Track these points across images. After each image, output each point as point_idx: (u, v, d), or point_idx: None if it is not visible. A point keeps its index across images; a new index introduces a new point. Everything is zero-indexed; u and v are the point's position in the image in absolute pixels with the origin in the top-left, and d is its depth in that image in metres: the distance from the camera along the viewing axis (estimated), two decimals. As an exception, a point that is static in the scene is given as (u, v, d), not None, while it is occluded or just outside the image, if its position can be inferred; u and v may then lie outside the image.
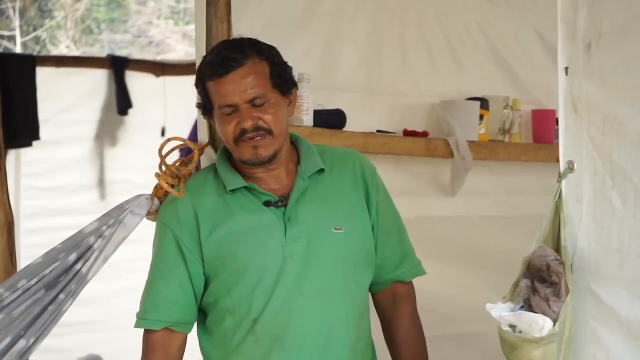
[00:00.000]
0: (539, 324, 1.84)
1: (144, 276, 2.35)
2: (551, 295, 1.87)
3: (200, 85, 2.27)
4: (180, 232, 2.27)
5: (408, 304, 2.43)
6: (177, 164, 2.43)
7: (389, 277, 2.40)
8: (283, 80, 2.27)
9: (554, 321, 1.85)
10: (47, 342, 2.31)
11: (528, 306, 1.91)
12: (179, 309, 2.28)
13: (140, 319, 2.30)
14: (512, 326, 1.88)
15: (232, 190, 2.27)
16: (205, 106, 2.28)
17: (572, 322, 1.90)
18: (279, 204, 2.26)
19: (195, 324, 2.36)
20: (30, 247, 4.58)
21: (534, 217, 2.19)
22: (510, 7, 3.57)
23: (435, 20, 3.40)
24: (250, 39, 2.28)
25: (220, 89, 2.22)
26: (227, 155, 2.34)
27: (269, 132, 2.22)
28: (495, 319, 1.91)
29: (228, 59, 2.21)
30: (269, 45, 2.29)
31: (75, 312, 2.57)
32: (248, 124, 2.21)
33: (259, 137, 2.22)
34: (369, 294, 2.41)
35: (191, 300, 2.29)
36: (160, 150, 2.45)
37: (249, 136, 2.21)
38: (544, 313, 1.86)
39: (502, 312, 1.92)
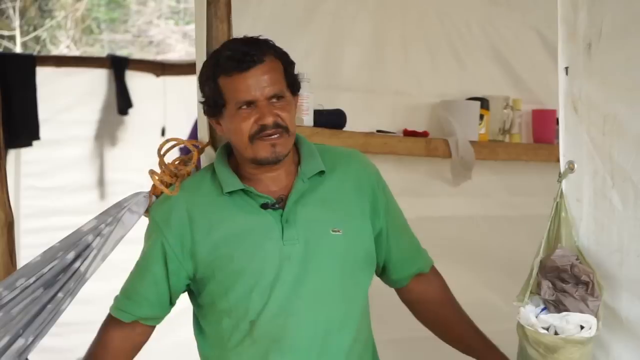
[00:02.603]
0: (589, 323, 1.83)
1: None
2: (587, 295, 1.86)
3: (212, 81, 2.23)
4: (168, 231, 2.27)
5: (439, 278, 2.49)
6: (176, 163, 2.42)
7: (412, 272, 2.44)
8: (294, 80, 2.28)
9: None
10: (46, 342, 2.31)
11: (553, 307, 1.90)
12: (148, 305, 2.30)
13: (114, 307, 2.33)
14: (544, 328, 1.87)
15: (229, 192, 2.26)
16: (216, 103, 2.24)
17: None
18: (277, 206, 2.25)
19: (192, 325, 2.36)
20: (30, 247, 4.56)
21: (536, 217, 2.18)
22: (511, 7, 3.57)
23: (436, 20, 3.40)
24: (263, 38, 2.27)
25: (240, 84, 2.19)
26: (226, 156, 2.33)
27: (286, 129, 2.22)
28: (529, 322, 1.88)
29: (249, 55, 2.19)
30: (279, 47, 2.29)
31: (75, 312, 2.57)
32: (269, 120, 2.19)
33: (276, 135, 2.21)
34: (379, 292, 2.42)
35: (163, 299, 2.30)
36: (159, 150, 2.45)
37: (268, 133, 2.20)
38: (582, 312, 1.85)
39: (533, 314, 1.90)
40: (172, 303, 2.33)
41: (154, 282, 2.28)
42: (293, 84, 2.27)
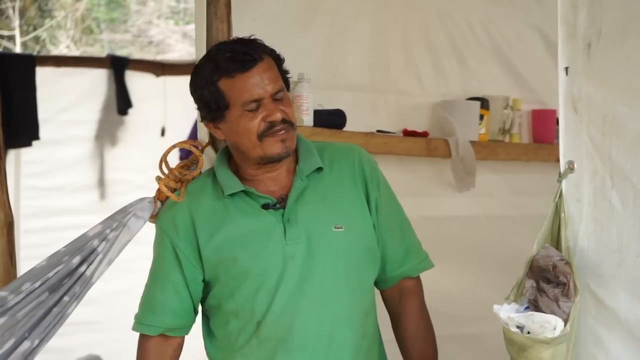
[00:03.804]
0: (552, 324, 1.83)
1: (145, 276, 2.35)
2: (560, 296, 1.86)
3: (212, 85, 2.21)
4: (177, 238, 2.28)
5: (415, 298, 2.41)
6: (180, 167, 2.42)
7: (396, 274, 2.38)
8: (286, 77, 2.29)
9: (565, 321, 1.84)
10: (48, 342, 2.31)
11: (534, 307, 1.90)
12: (174, 315, 2.29)
13: (138, 323, 2.32)
14: (520, 327, 1.87)
15: (230, 195, 2.27)
16: (218, 106, 2.22)
17: (577, 322, 1.90)
18: (278, 205, 2.26)
19: (201, 326, 2.36)
20: (30, 247, 4.59)
21: (539, 216, 2.18)
22: (513, 6, 3.58)
23: (438, 20, 3.40)
24: (253, 38, 2.27)
25: (244, 83, 2.19)
26: (226, 159, 2.33)
27: (292, 124, 2.24)
28: (502, 320, 1.90)
29: (248, 54, 2.19)
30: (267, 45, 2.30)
31: (75, 312, 2.56)
32: (278, 117, 2.20)
33: (284, 130, 2.21)
34: (378, 290, 2.40)
35: (187, 307, 2.30)
36: (165, 155, 2.44)
37: (277, 129, 2.20)
38: (553, 313, 1.85)
39: (509, 313, 1.90)
40: (195, 311, 2.33)
41: (175, 290, 2.28)
42: (286, 80, 2.29)
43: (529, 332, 1.86)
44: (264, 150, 2.22)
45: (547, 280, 1.90)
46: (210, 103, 2.23)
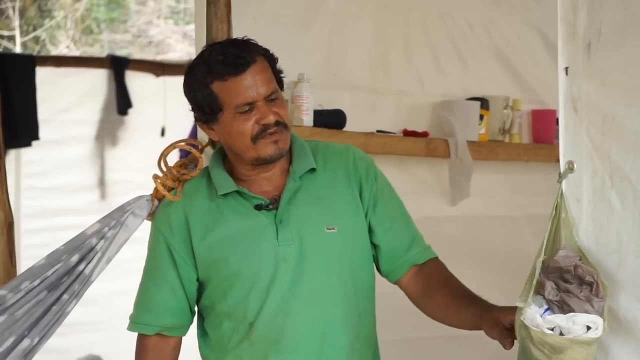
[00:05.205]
0: (596, 324, 1.82)
1: (145, 276, 2.35)
2: (592, 295, 1.85)
3: (205, 87, 2.21)
4: (172, 237, 2.28)
5: (437, 267, 2.36)
6: (178, 166, 2.42)
7: (403, 260, 2.33)
8: (280, 76, 2.28)
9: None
10: (47, 342, 2.31)
11: (558, 308, 1.89)
12: (170, 314, 2.29)
13: (133, 323, 2.32)
14: (550, 328, 1.86)
15: (224, 195, 2.26)
16: (212, 109, 2.21)
17: None
18: (270, 206, 2.25)
19: (195, 326, 2.36)
20: (31, 247, 4.59)
21: (539, 216, 2.18)
22: (513, 7, 3.58)
23: (439, 19, 3.41)
24: (247, 39, 2.26)
25: (237, 86, 2.18)
26: (220, 158, 2.33)
27: (285, 126, 2.23)
28: (531, 324, 1.87)
29: (241, 57, 2.18)
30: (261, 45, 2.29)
31: (75, 312, 2.56)
32: (271, 119, 2.19)
33: (276, 132, 2.21)
34: (394, 283, 2.37)
35: (183, 305, 2.30)
36: (164, 155, 2.44)
37: (270, 131, 2.20)
38: (587, 313, 1.84)
39: (536, 315, 1.89)
40: (192, 311, 2.33)
41: (171, 288, 2.28)
42: (280, 80, 2.28)
43: (561, 333, 1.84)
44: (258, 152, 2.21)
45: (566, 281, 1.89)
46: (204, 105, 2.23)
